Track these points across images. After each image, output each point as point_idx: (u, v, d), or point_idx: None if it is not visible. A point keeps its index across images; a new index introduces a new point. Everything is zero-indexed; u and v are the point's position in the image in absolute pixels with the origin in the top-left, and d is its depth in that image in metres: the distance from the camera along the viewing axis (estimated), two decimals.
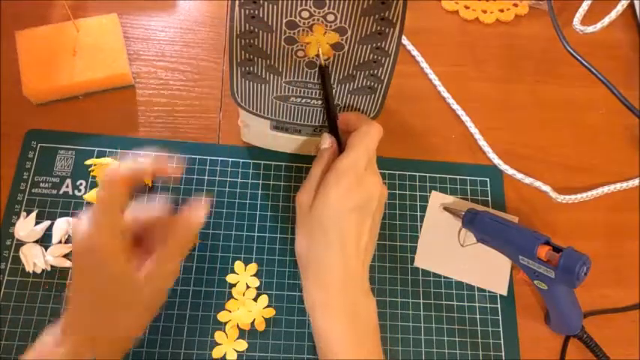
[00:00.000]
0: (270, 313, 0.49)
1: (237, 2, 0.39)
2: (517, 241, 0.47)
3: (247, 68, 0.43)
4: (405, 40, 0.61)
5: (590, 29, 0.58)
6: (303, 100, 0.45)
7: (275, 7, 0.39)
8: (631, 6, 0.66)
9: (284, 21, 0.39)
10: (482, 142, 0.57)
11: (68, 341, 0.37)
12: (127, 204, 0.39)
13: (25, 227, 0.48)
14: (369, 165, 0.43)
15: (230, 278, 0.49)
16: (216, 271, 0.50)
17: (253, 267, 0.50)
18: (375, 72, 0.42)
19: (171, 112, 0.55)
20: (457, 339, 0.50)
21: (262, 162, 0.54)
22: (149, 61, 0.57)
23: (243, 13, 0.39)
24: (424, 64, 0.61)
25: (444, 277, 0.52)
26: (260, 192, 0.53)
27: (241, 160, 0.54)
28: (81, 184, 0.51)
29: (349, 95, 0.44)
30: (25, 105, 0.53)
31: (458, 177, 0.56)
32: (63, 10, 0.56)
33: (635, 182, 0.57)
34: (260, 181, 0.53)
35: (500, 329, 0.50)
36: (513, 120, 0.60)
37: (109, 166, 0.41)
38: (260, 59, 0.42)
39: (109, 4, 0.58)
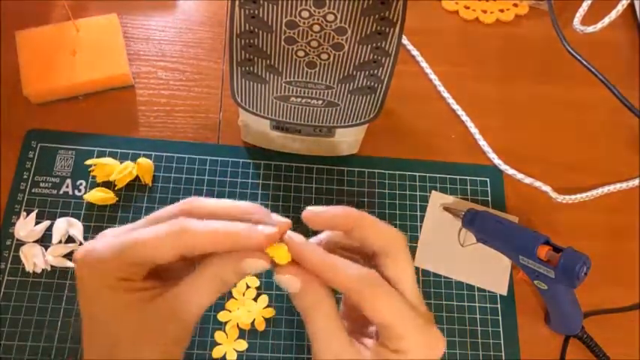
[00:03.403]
0: (270, 313, 0.49)
1: (237, 2, 0.39)
2: (517, 241, 0.47)
3: (247, 68, 0.43)
4: (405, 40, 0.61)
5: (590, 29, 0.58)
6: (303, 100, 0.45)
7: (275, 7, 0.39)
8: (631, 6, 0.66)
9: (284, 21, 0.39)
10: (482, 142, 0.57)
11: None
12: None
13: (25, 227, 0.48)
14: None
15: None
16: None
17: None
18: (375, 72, 0.42)
19: (171, 112, 0.55)
20: (457, 339, 0.50)
21: (262, 162, 0.54)
22: (149, 61, 0.57)
23: (243, 13, 0.39)
24: (424, 64, 0.61)
25: (444, 277, 0.52)
26: (260, 192, 0.53)
27: (241, 160, 0.54)
28: (81, 184, 0.51)
29: (349, 95, 0.44)
30: (25, 105, 0.53)
31: (458, 177, 0.56)
32: (63, 10, 0.56)
33: (635, 182, 0.57)
34: (260, 181, 0.53)
35: (500, 329, 0.50)
36: (513, 120, 0.60)
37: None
38: (260, 59, 0.42)
39: (109, 4, 0.58)
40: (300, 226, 0.30)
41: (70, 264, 0.48)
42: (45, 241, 0.49)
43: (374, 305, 0.28)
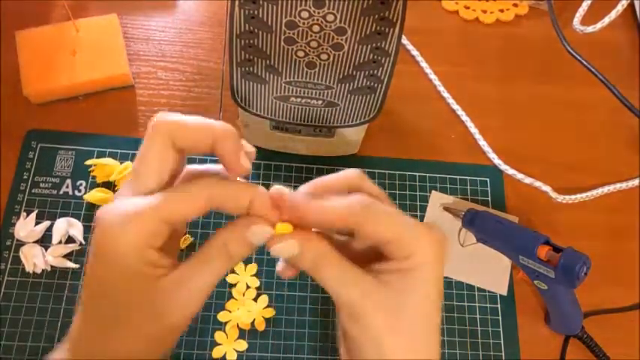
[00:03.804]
0: (270, 313, 0.49)
1: (237, 2, 0.39)
2: (517, 241, 0.47)
3: (247, 68, 0.43)
4: (405, 40, 0.61)
5: (590, 29, 0.58)
6: (303, 100, 0.45)
7: (275, 7, 0.39)
8: (631, 6, 0.66)
9: (284, 21, 0.39)
10: (482, 142, 0.57)
11: None
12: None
13: (25, 227, 0.48)
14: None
15: (230, 278, 0.49)
16: None
17: (253, 267, 0.50)
18: (375, 72, 0.42)
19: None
20: (457, 339, 0.50)
21: (262, 162, 0.54)
22: (149, 61, 0.57)
23: (242, 13, 0.39)
24: (424, 64, 0.61)
25: (444, 277, 0.52)
26: None
27: None
28: (81, 184, 0.51)
29: (349, 95, 0.44)
30: (25, 105, 0.53)
31: (458, 177, 0.56)
32: (63, 10, 0.56)
33: (635, 182, 0.57)
34: (260, 181, 0.53)
35: (500, 329, 0.50)
36: (513, 120, 0.60)
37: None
38: (260, 59, 0.42)
39: (109, 4, 0.58)
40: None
41: (70, 264, 0.48)
42: (45, 241, 0.49)
43: (375, 227, 0.29)
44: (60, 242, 0.48)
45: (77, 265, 0.48)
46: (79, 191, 0.51)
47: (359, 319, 0.29)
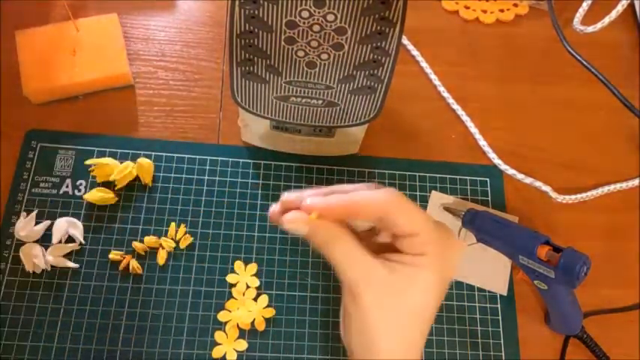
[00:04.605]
0: (270, 313, 0.49)
1: (237, 2, 0.39)
2: (517, 241, 0.47)
3: (247, 68, 0.43)
4: (405, 40, 0.61)
5: (590, 29, 0.58)
6: (303, 100, 0.45)
7: (275, 7, 0.39)
8: (631, 6, 0.66)
9: (284, 21, 0.39)
10: (482, 142, 0.57)
11: None
12: None
13: (25, 227, 0.48)
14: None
15: (230, 278, 0.49)
16: (216, 271, 0.50)
17: (253, 267, 0.50)
18: (375, 72, 0.42)
19: (171, 112, 0.55)
20: (457, 339, 0.50)
21: (262, 162, 0.54)
22: (149, 61, 0.57)
23: (243, 13, 0.39)
24: (424, 64, 0.61)
25: None
26: (260, 192, 0.53)
27: (241, 160, 0.54)
28: (81, 184, 0.51)
29: (349, 95, 0.44)
30: (25, 105, 0.53)
31: (458, 177, 0.56)
32: (63, 10, 0.56)
33: (635, 182, 0.57)
34: (260, 181, 0.53)
35: (500, 329, 0.50)
36: (513, 120, 0.60)
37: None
38: (260, 59, 0.42)
39: (109, 4, 0.58)
40: None
41: (70, 264, 0.48)
42: (45, 241, 0.49)
43: (399, 219, 0.32)
44: (60, 242, 0.48)
45: (77, 265, 0.48)
46: (79, 191, 0.51)
47: (355, 295, 0.31)
